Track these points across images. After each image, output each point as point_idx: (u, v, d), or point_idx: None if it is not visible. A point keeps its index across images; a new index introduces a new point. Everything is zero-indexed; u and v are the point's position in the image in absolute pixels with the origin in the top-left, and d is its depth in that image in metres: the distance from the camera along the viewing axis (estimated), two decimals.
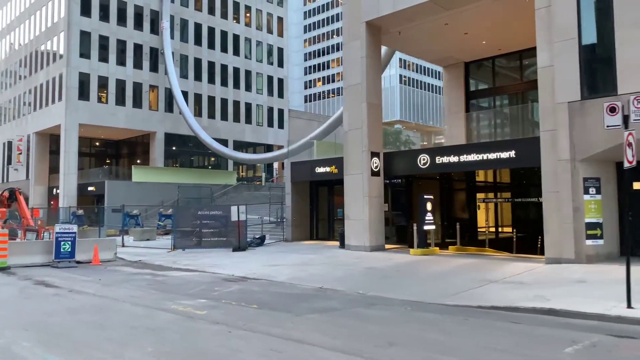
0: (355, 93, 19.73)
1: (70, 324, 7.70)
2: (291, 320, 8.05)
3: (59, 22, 42.18)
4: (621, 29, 13.25)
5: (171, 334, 6.94)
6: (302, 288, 11.83)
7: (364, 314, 8.71)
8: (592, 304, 8.69)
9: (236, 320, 7.91)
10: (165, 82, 45.23)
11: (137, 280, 13.35)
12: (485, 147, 17.67)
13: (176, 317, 8.15)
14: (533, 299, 9.46)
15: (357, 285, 11.81)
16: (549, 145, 14.48)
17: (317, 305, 9.48)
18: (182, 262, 17.19)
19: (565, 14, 14.19)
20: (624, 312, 8.01)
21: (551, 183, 14.43)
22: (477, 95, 24.82)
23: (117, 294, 10.79)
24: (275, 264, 16.05)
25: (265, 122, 54.63)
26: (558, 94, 14.28)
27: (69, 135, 40.39)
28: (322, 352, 5.99)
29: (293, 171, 24.28)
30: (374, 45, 19.84)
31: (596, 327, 7.51)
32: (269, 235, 24.73)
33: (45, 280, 13.15)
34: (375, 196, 19.37)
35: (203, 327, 7.40)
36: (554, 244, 14.26)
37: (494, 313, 8.72)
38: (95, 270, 15.70)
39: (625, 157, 8.51)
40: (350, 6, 20.04)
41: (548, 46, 14.63)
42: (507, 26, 19.53)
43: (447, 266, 14.73)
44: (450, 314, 8.63)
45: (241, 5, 52.79)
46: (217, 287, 11.90)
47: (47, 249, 17.11)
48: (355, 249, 19.14)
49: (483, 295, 10.07)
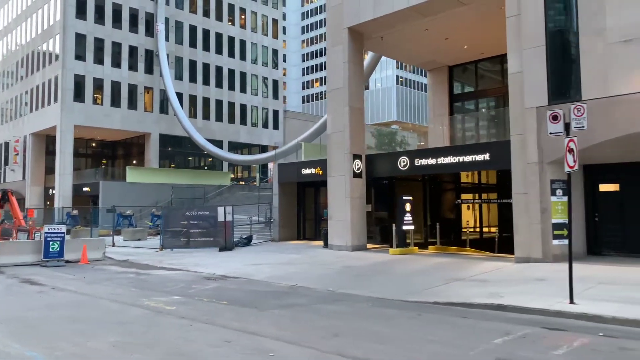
0: (338, 97, 20.27)
1: (46, 318, 8.26)
2: (254, 315, 8.60)
3: (54, 25, 42.74)
4: (585, 37, 13.80)
5: (136, 327, 7.50)
6: (276, 286, 12.37)
7: (325, 309, 9.25)
8: (540, 300, 9.23)
9: (201, 315, 8.46)
10: (160, 83, 45.77)
11: (120, 278, 13.90)
12: (461, 149, 18.22)
13: (146, 312, 8.71)
14: (488, 295, 10.00)
15: (330, 283, 12.35)
16: (519, 149, 15.02)
17: (284, 302, 10.02)
18: (168, 262, 17.74)
19: (534, 22, 14.73)
20: (565, 308, 8.55)
21: (521, 185, 14.98)
22: (461, 98, 25.36)
23: (98, 292, 11.34)
24: (257, 263, 16.59)
25: (260, 123, 55.18)
26: (527, 99, 14.82)
27: (65, 137, 40.95)
28: (268, 342, 6.54)
29: (280, 172, 24.83)
30: (356, 51, 20.38)
31: (536, 320, 8.05)
32: (257, 235, 25.28)
33: (32, 278, 13.71)
34: (357, 197, 19.91)
35: (168, 321, 7.96)
36: (523, 244, 14.80)
37: (449, 309, 9.26)
38: (82, 269, 16.25)
39: (566, 162, 9.05)
40: (333, 12, 20.58)
41: (518, 53, 15.18)
42: (486, 32, 20.05)
43: (421, 265, 15.28)
44: (407, 310, 9.17)
45: (236, 7, 53.33)
46: (195, 285, 12.44)
47: (37, 248, 17.66)
48: (338, 248, 19.69)
49: (444, 292, 10.62)
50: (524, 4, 14.97)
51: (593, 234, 15.21)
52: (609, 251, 14.87)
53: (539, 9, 14.67)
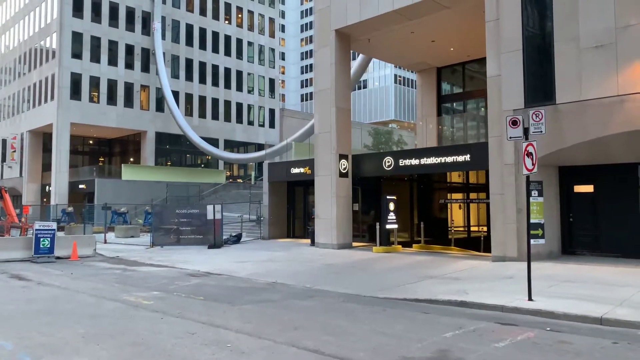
0: (325, 98, 20.65)
1: (22, 311, 8.66)
2: (224, 309, 9.00)
3: (51, 23, 43.09)
4: (559, 42, 14.16)
5: (107, 320, 7.90)
6: (256, 282, 12.77)
7: (295, 305, 9.65)
8: (501, 297, 9.62)
9: (174, 309, 8.86)
10: (157, 82, 46.13)
11: (106, 274, 14.30)
12: (444, 150, 18.61)
13: (121, 306, 9.11)
14: (454, 292, 10.39)
15: (308, 280, 12.75)
16: (496, 151, 15.40)
17: (258, 298, 10.41)
18: (157, 258, 18.13)
19: (511, 27, 15.10)
20: (522, 304, 8.94)
21: (498, 185, 15.36)
22: (448, 99, 25.73)
23: (80, 287, 11.74)
24: (242, 261, 16.98)
25: (257, 122, 55.54)
26: (504, 102, 15.20)
27: (61, 134, 41.34)
28: (230, 334, 6.94)
29: (270, 171, 25.22)
30: (343, 52, 20.75)
31: (492, 316, 8.44)
32: (247, 233, 25.68)
33: (21, 274, 14.12)
34: (343, 196, 20.30)
35: (140, 315, 8.36)
36: (499, 243, 15.20)
37: (413, 305, 9.65)
38: (71, 265, 16.65)
39: (524, 165, 9.43)
40: (320, 14, 20.94)
41: (496, 57, 15.55)
42: (471, 34, 20.38)
43: (400, 263, 15.67)
44: (374, 305, 9.56)
45: (232, 6, 53.65)
46: (178, 282, 12.83)
47: (28, 245, 18.08)
48: (324, 246, 20.09)
49: (413, 289, 11.01)
50: (502, 9, 15.33)
51: (568, 234, 15.60)
52: (583, 250, 15.26)
53: (516, 15, 15.03)
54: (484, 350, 6.30)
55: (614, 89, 13.08)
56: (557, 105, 14.12)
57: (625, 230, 14.44)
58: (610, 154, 14.15)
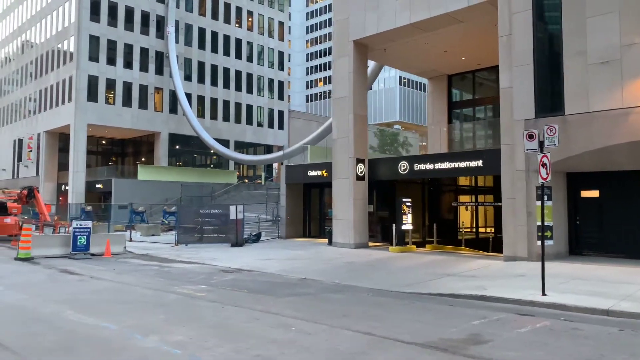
0: (343, 105, 21.75)
1: (96, 300, 9.78)
2: (272, 301, 10.11)
3: (69, 27, 44.27)
4: (568, 57, 15.24)
5: (176, 307, 9.02)
6: (287, 278, 13.87)
7: (332, 297, 10.75)
8: (517, 292, 10.72)
9: (228, 300, 9.97)
10: (170, 84, 47.31)
11: (146, 270, 15.42)
12: (457, 156, 19.70)
13: (180, 297, 10.23)
14: (474, 288, 11.49)
15: (334, 276, 13.85)
16: (508, 157, 16.49)
17: (295, 291, 11.52)
18: (185, 256, 19.25)
19: (523, 42, 16.18)
20: (537, 298, 10.03)
21: (509, 190, 16.44)
22: (459, 105, 26.81)
23: (130, 281, 12.87)
24: (267, 259, 18.09)
25: (266, 123, 56.70)
26: (516, 112, 16.28)
27: (78, 135, 42.53)
28: (288, 320, 8.05)
29: (288, 174, 26.32)
30: (360, 62, 21.84)
31: (511, 308, 9.54)
32: (265, 233, 26.80)
33: (68, 269, 15.25)
34: (360, 199, 21.40)
35: (202, 304, 9.48)
36: (510, 244, 16.28)
37: (437, 298, 10.75)
38: (108, 261, 17.78)
39: (539, 174, 10.51)
40: (339, 26, 22.04)
41: (508, 70, 16.64)
42: (483, 45, 21.46)
43: (417, 262, 16.77)
44: (401, 299, 10.66)
45: (243, 10, 54.81)
46: (215, 277, 13.94)
47: (65, 242, 19.26)
48: (341, 246, 21.19)
49: (434, 285, 12.11)
50: (514, 26, 16.42)
51: (575, 236, 16.68)
52: (589, 251, 16.34)
53: (527, 31, 16.11)
54: (508, 335, 7.40)
55: (619, 102, 14.16)
56: (565, 116, 15.20)
57: (629, 232, 15.52)
58: (615, 162, 15.22)
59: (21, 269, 15.38)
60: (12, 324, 7.63)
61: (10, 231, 27.34)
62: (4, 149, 56.49)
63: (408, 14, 19.34)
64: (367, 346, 6.49)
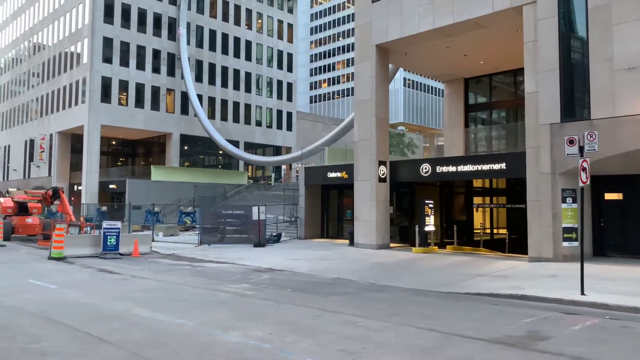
0: (365, 108, 22.11)
1: (154, 299, 10.12)
2: (321, 299, 10.46)
3: (83, 28, 44.63)
4: (594, 63, 15.60)
5: (235, 305, 9.37)
6: (321, 278, 14.21)
7: (375, 296, 11.10)
8: (555, 292, 11.07)
9: (279, 298, 10.32)
10: (181, 85, 47.68)
11: (180, 269, 15.76)
12: (480, 158, 20.06)
13: (231, 295, 10.58)
14: (511, 288, 11.84)
15: (367, 276, 14.19)
16: (533, 160, 16.85)
17: (336, 290, 11.87)
18: (212, 256, 19.59)
19: (548, 48, 16.55)
20: (577, 298, 10.39)
21: (534, 193, 16.80)
22: (475, 108, 27.18)
23: (172, 280, 13.21)
24: (294, 258, 18.44)
25: (275, 125, 57.06)
26: (541, 117, 16.64)
27: (92, 136, 42.89)
28: (349, 317, 8.39)
29: (307, 175, 26.68)
30: (382, 66, 22.21)
31: (554, 307, 9.88)
32: (284, 233, 27.14)
33: (105, 268, 15.60)
34: (382, 200, 21.76)
35: (257, 302, 9.83)
36: (536, 245, 16.63)
37: (478, 298, 11.10)
38: (138, 261, 18.12)
39: (580, 178, 10.86)
40: (361, 31, 22.40)
41: (534, 75, 17.00)
42: (502, 49, 21.86)
43: (442, 262, 17.12)
44: (442, 298, 11.01)
45: (253, 12, 55.20)
46: (251, 276, 14.29)
47: (94, 242, 19.63)
48: (363, 246, 21.54)
49: (470, 285, 12.46)
50: (540, 32, 16.78)
51: (599, 238, 17.04)
52: (613, 253, 16.70)
53: (553, 37, 16.47)
54: (565, 332, 7.75)
55: None
56: (591, 121, 15.55)
57: None
58: (639, 165, 15.57)
59: (60, 268, 15.73)
60: (93, 320, 7.95)
61: (32, 231, 27.72)
62: (15, 149, 56.84)
63: (432, 19, 19.71)
64: (439, 342, 6.85)
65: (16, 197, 28.55)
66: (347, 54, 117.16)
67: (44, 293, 10.61)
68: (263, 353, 6.16)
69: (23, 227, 27.36)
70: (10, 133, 58.66)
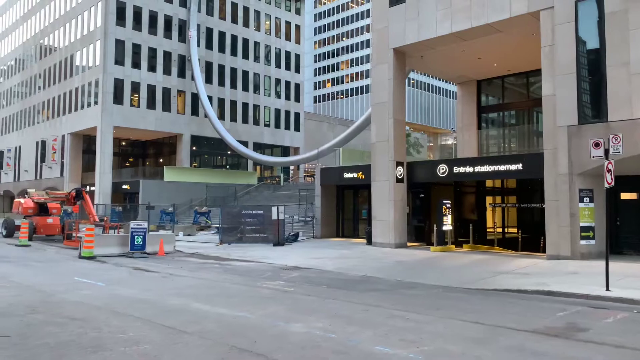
0: (383, 110, 22.63)
1: (205, 295, 10.65)
2: (358, 295, 10.98)
3: (95, 31, 45.19)
4: (611, 67, 16.11)
5: (284, 300, 9.91)
6: (349, 275, 14.73)
7: (408, 293, 11.63)
8: (581, 288, 11.59)
9: (319, 293, 10.86)
10: (192, 87, 48.24)
11: (211, 268, 16.30)
12: (496, 159, 20.58)
13: (274, 292, 11.12)
14: (536, 284, 12.36)
15: (393, 274, 14.71)
16: (551, 162, 17.36)
17: (370, 287, 12.40)
18: (235, 254, 20.12)
19: (566, 52, 17.05)
20: (603, 293, 10.91)
21: (552, 193, 17.31)
22: (487, 109, 27.68)
23: (209, 277, 13.75)
24: (316, 257, 18.96)
25: (283, 125, 57.63)
26: (559, 119, 17.15)
27: (105, 137, 43.46)
28: (394, 311, 8.93)
29: (322, 176, 27.22)
30: (399, 69, 22.72)
31: (582, 302, 10.40)
32: (300, 233, 27.67)
33: (138, 266, 16.14)
34: (399, 200, 22.29)
35: (300, 297, 10.36)
36: (554, 244, 17.15)
37: (506, 294, 11.62)
38: (166, 260, 18.66)
39: (605, 179, 11.38)
40: (378, 34, 22.92)
41: (551, 78, 17.51)
42: (516, 52, 22.37)
43: (462, 261, 17.65)
44: (473, 294, 11.54)
45: (262, 14, 55.75)
46: (282, 274, 14.81)
47: (121, 242, 20.19)
48: (381, 245, 22.07)
49: (495, 282, 12.98)
50: (557, 36, 17.29)
51: (615, 236, 17.56)
52: (629, 250, 17.23)
53: (570, 41, 16.98)
54: (599, 324, 8.28)
55: None
56: (609, 123, 16.06)
57: None
58: None
59: (96, 266, 16.28)
60: (159, 314, 8.45)
61: (53, 231, 28.31)
62: (26, 150, 57.43)
63: (449, 24, 20.22)
64: (488, 332, 7.38)
65: (36, 198, 29.10)
66: (351, 54, 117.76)
67: (97, 290, 11.16)
68: (333, 342, 6.68)
69: (44, 227, 27.93)
70: (21, 134, 59.24)
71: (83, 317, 7.92)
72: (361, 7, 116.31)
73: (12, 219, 30.58)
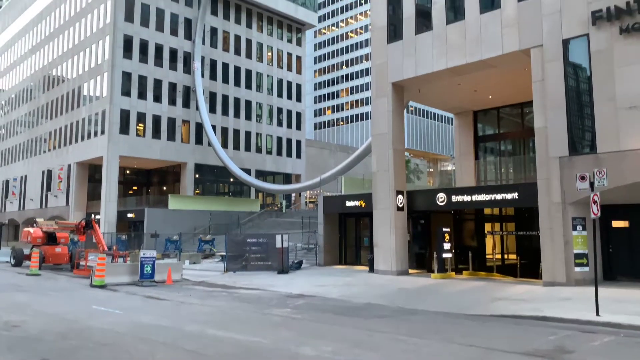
0: (383, 140, 23.54)
1: (218, 321, 11.30)
2: (362, 321, 11.63)
3: (102, 64, 46.61)
4: (599, 102, 17.05)
5: (293, 326, 10.57)
6: (353, 303, 15.33)
7: (409, 319, 12.26)
8: (572, 313, 12.24)
9: (326, 320, 11.50)
10: (196, 117, 49.46)
11: (219, 296, 16.89)
12: (493, 189, 21.37)
13: (283, 318, 11.76)
14: (531, 310, 13.00)
15: (395, 301, 15.32)
16: (545, 191, 18.15)
17: (373, 313, 13.03)
18: (241, 283, 20.69)
19: (555, 87, 18.03)
20: (592, 318, 11.56)
21: (546, 221, 18.05)
22: (484, 139, 28.62)
23: (219, 305, 14.37)
24: (320, 285, 19.56)
25: (285, 152, 58.70)
26: (551, 150, 18.01)
27: (111, 166, 44.41)
28: (396, 335, 9.59)
29: (325, 204, 27.98)
30: (398, 101, 23.73)
31: (572, 327, 11.04)
32: (304, 260, 28.28)
33: (150, 295, 16.75)
34: (400, 227, 23.00)
35: (308, 323, 11.01)
36: (549, 270, 17.81)
37: (502, 319, 12.25)
38: (175, 288, 19.25)
39: (591, 210, 12.14)
40: (378, 69, 24.00)
41: (543, 111, 18.44)
42: (510, 85, 23.40)
43: (462, 287, 18.26)
44: (471, 320, 12.17)
45: (264, 46, 57.42)
46: (288, 301, 15.42)
47: (130, 270, 20.81)
48: (383, 272, 22.68)
49: (492, 308, 13.61)
50: (547, 72, 18.29)
51: (608, 263, 18.22)
52: (622, 277, 17.86)
53: (560, 78, 17.97)
54: (586, 346, 8.93)
55: None
56: (598, 154, 16.91)
57: None
58: None
59: (109, 295, 16.90)
60: (179, 339, 9.10)
61: (61, 260, 28.92)
62: (32, 179, 58.35)
63: (445, 60, 21.29)
64: (482, 354, 8.05)
65: (45, 228, 29.77)
66: (351, 81, 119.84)
67: (117, 317, 11.81)
68: None
69: (53, 256, 28.55)
70: (27, 163, 60.27)
71: (112, 342, 8.59)
72: (360, 37, 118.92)
73: (20, 248, 31.21)
